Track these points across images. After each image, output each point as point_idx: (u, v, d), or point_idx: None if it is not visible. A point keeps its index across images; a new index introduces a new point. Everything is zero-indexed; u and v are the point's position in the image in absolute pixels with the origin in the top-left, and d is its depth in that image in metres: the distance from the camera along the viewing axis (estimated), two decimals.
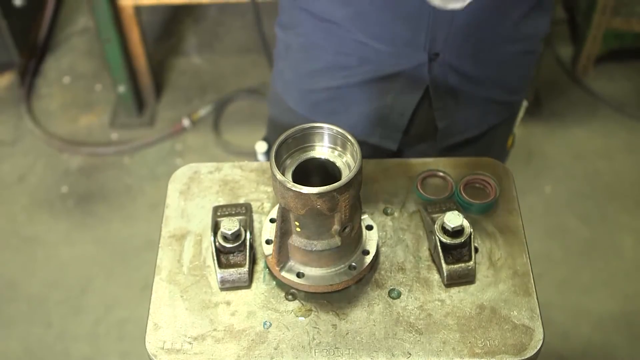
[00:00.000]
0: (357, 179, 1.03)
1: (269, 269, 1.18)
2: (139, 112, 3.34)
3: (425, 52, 1.45)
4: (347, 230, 1.09)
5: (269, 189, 1.30)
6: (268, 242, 1.20)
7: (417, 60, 1.47)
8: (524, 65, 1.58)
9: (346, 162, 1.09)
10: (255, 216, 1.26)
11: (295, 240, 1.13)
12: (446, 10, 1.33)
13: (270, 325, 1.12)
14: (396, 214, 1.27)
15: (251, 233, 1.20)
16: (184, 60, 3.61)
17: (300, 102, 1.63)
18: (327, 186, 1.00)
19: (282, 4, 1.60)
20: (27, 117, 3.34)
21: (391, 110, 1.53)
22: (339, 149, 1.10)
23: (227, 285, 1.16)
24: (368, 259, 1.17)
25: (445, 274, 1.15)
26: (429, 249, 1.21)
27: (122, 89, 3.19)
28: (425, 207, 1.23)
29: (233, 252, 1.16)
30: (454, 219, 1.15)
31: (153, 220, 2.88)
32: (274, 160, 1.03)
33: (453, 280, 1.16)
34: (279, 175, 1.02)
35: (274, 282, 1.17)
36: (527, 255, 1.21)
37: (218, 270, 1.15)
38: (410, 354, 1.08)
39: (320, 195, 1.00)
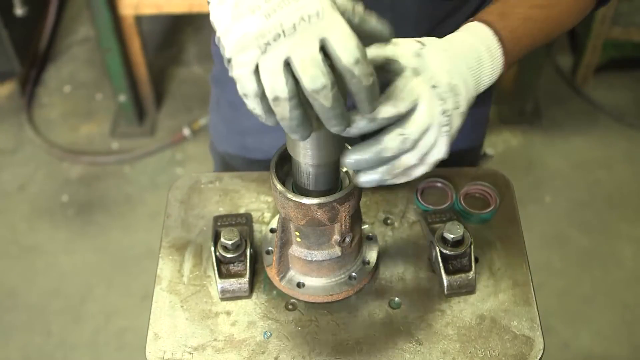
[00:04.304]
0: (357, 190, 1.03)
1: (269, 279, 1.18)
2: (139, 122, 3.35)
3: None
4: (347, 240, 1.09)
5: (270, 199, 1.31)
6: (268, 252, 1.20)
7: None
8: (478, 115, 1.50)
9: (346, 172, 1.09)
10: (255, 226, 1.26)
11: (296, 251, 1.13)
12: None
13: (271, 335, 1.12)
14: (396, 224, 1.27)
15: (251, 243, 1.20)
16: (184, 69, 3.61)
17: (235, 158, 1.60)
18: (328, 196, 1.00)
19: (214, 57, 1.55)
20: (28, 126, 3.35)
21: None
22: None
23: (228, 295, 1.16)
24: (368, 269, 1.17)
25: (445, 284, 1.15)
26: (429, 259, 1.21)
27: (122, 98, 3.20)
28: (426, 217, 1.24)
29: (233, 262, 1.17)
30: (454, 229, 1.15)
31: (153, 230, 2.87)
32: (274, 170, 1.03)
33: (453, 290, 1.16)
34: (279, 186, 1.02)
35: (274, 292, 1.18)
36: (527, 265, 1.21)
37: (218, 280, 1.15)
38: None
39: (320, 205, 1.00)
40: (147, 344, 1.11)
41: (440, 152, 0.96)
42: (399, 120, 0.92)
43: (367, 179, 0.94)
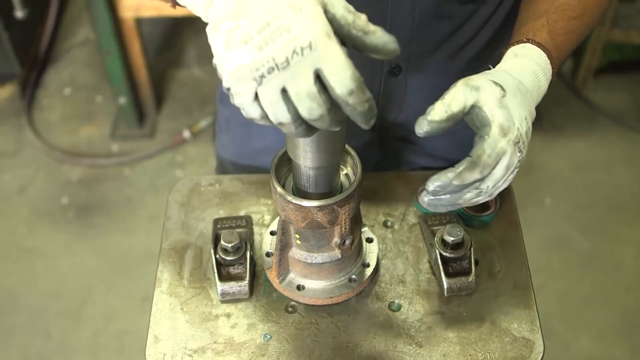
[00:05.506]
0: (357, 192, 1.03)
1: (269, 282, 1.18)
2: (139, 124, 3.35)
3: (374, 131, 1.42)
4: (347, 243, 1.09)
5: (269, 201, 1.31)
6: (268, 254, 1.20)
7: (365, 139, 1.43)
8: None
9: (346, 175, 1.09)
10: (255, 228, 1.26)
11: (296, 253, 1.13)
12: (400, 90, 1.30)
13: (271, 337, 1.12)
14: (396, 227, 1.27)
15: (251, 246, 1.20)
16: (184, 71, 3.61)
17: (256, 170, 1.55)
18: (328, 199, 1.00)
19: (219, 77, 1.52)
20: (28, 128, 3.35)
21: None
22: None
23: (228, 298, 1.16)
24: (368, 271, 1.17)
25: (445, 287, 1.15)
26: (429, 262, 1.21)
27: (122, 100, 3.20)
28: (425, 220, 1.24)
29: (233, 264, 1.17)
30: (454, 231, 1.15)
31: (153, 232, 2.87)
32: (274, 173, 1.03)
33: (453, 293, 1.16)
34: (279, 188, 1.02)
35: (274, 295, 1.18)
36: (527, 268, 1.21)
37: (218, 282, 1.15)
38: None
39: (320, 208, 1.00)
40: (147, 346, 1.11)
41: (505, 186, 1.01)
42: None
43: (434, 209, 0.99)
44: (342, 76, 0.78)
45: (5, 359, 2.61)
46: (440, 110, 0.95)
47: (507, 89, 0.99)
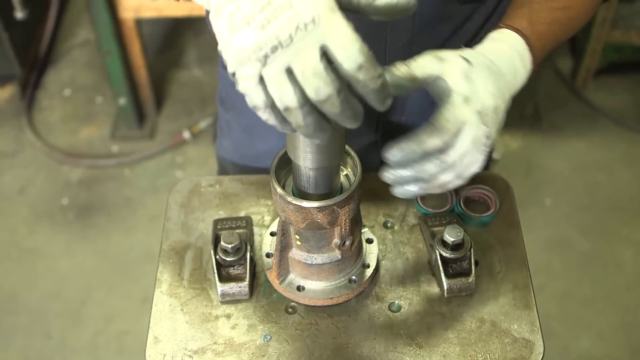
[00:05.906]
0: (357, 193, 1.03)
1: (269, 282, 1.18)
2: (139, 125, 3.35)
3: (377, 133, 1.42)
4: (347, 243, 1.10)
5: (270, 202, 1.31)
6: (268, 255, 1.20)
7: (368, 140, 1.42)
8: None
9: (346, 175, 1.09)
10: (255, 229, 1.26)
11: (296, 254, 1.13)
12: (401, 93, 1.32)
13: (271, 338, 1.12)
14: (396, 228, 1.27)
15: (251, 246, 1.20)
16: (184, 72, 3.61)
17: (258, 171, 1.54)
18: (328, 200, 1.00)
19: (220, 78, 1.49)
20: (28, 129, 3.35)
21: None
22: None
23: (228, 299, 1.16)
24: (368, 272, 1.17)
25: (445, 288, 1.15)
26: (429, 262, 1.21)
27: (122, 101, 3.20)
28: (425, 221, 1.24)
29: (233, 265, 1.17)
30: (454, 232, 1.15)
31: (153, 233, 2.87)
32: (274, 174, 1.03)
33: (453, 294, 1.16)
34: (279, 189, 1.02)
35: (274, 295, 1.18)
36: (527, 268, 1.21)
37: (218, 283, 1.15)
38: None
39: (320, 209, 1.00)
40: (147, 347, 1.11)
41: (477, 167, 0.97)
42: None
43: (402, 192, 0.96)
44: (350, 50, 0.75)
45: (5, 359, 2.61)
46: (403, 70, 0.92)
47: (474, 63, 0.96)
